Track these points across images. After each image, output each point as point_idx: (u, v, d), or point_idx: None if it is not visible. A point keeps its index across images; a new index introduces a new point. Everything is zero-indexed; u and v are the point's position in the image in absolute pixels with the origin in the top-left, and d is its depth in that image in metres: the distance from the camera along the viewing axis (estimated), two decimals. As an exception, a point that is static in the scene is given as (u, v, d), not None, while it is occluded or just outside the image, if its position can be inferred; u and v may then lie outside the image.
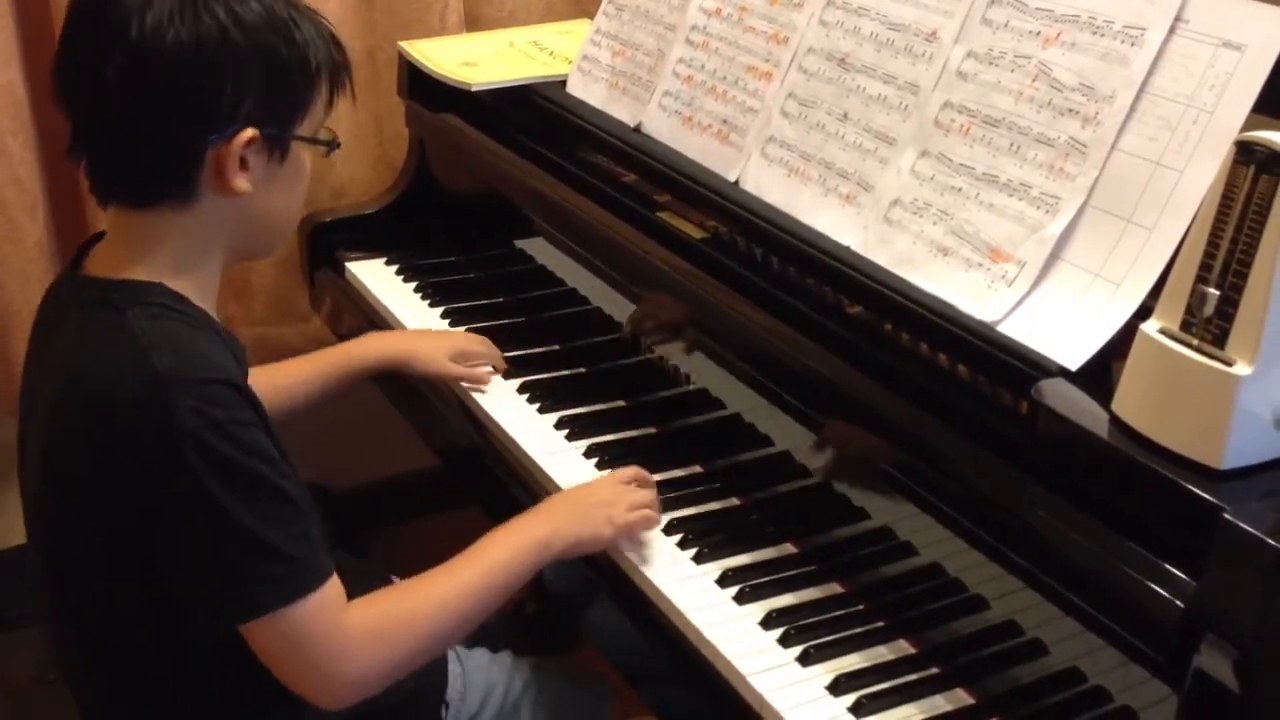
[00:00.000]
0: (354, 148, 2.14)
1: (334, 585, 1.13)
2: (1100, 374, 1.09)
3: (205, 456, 1.05)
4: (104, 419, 1.09)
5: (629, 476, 1.36)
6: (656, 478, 1.42)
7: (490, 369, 1.61)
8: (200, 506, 1.06)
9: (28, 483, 1.23)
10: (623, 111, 1.70)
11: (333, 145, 1.22)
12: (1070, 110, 1.20)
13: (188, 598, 1.11)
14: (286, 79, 1.14)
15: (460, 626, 1.22)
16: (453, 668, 1.41)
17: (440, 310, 1.78)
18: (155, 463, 1.06)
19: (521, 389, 1.59)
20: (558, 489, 1.42)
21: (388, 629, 1.16)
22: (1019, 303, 1.18)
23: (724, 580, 1.27)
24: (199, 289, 1.17)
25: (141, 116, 1.11)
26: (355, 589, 1.17)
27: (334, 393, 1.57)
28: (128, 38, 1.08)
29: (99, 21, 1.10)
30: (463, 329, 1.72)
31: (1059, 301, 1.16)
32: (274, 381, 1.47)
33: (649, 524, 1.32)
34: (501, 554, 1.24)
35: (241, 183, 1.13)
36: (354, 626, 1.14)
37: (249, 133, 1.12)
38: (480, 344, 1.64)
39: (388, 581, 1.50)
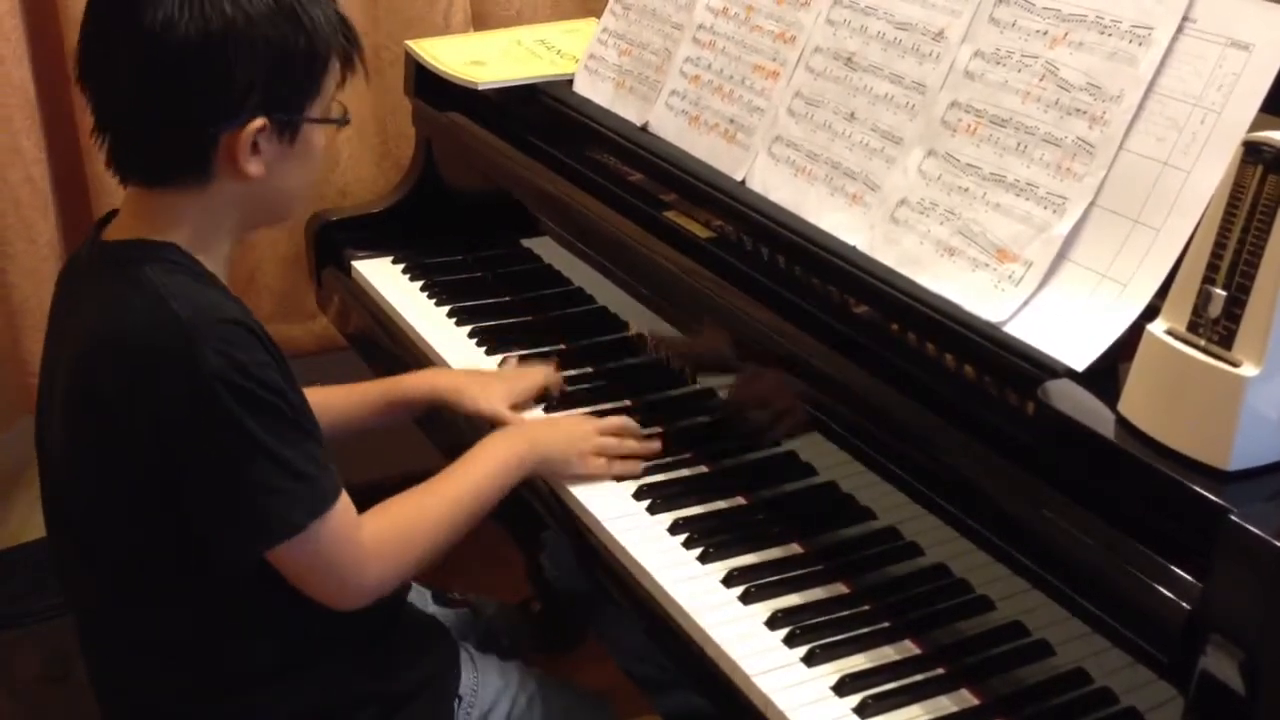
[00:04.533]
0: (359, 146, 2.14)
1: (346, 499, 1.22)
2: (1107, 374, 1.09)
3: (234, 394, 1.12)
4: (131, 366, 1.14)
5: (613, 424, 1.45)
6: (662, 478, 1.42)
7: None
8: (236, 438, 1.13)
9: (49, 451, 1.26)
10: (629, 111, 1.70)
11: (343, 122, 1.26)
12: (1077, 110, 1.20)
13: (222, 528, 1.17)
14: (296, 67, 1.18)
15: (455, 534, 1.32)
16: (465, 664, 1.42)
17: (447, 309, 1.78)
18: (186, 403, 1.12)
19: (528, 389, 1.59)
20: (566, 490, 1.42)
21: (398, 537, 1.27)
22: (1025, 303, 1.18)
23: (729, 580, 1.27)
24: (211, 258, 1.22)
25: (154, 106, 1.15)
26: None
27: (378, 422, 1.56)
28: (140, 31, 1.12)
29: (113, 14, 1.15)
30: (512, 356, 1.66)
31: (1066, 302, 1.16)
32: (317, 404, 1.48)
33: (616, 469, 1.41)
34: (487, 467, 1.37)
35: (253, 167, 1.18)
36: (369, 536, 1.24)
37: (259, 121, 1.16)
38: (537, 376, 1.57)
39: None
